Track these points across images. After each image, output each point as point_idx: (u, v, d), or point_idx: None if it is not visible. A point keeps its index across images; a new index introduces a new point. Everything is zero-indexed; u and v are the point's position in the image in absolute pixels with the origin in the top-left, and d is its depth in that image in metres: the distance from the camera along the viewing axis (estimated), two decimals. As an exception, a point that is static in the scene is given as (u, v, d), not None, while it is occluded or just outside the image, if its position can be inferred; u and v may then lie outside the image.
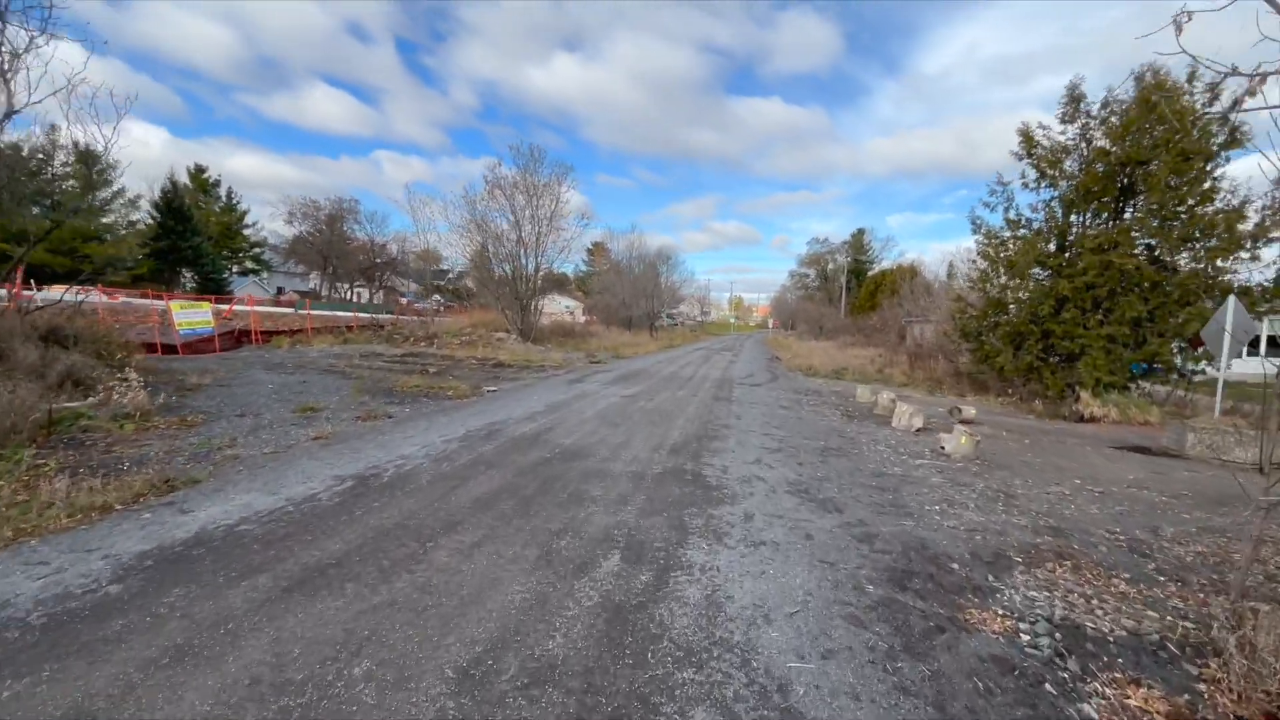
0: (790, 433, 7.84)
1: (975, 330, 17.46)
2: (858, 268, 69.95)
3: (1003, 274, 16.20)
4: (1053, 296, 14.34)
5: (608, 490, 4.51)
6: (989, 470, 6.71)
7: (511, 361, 16.79)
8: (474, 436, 6.36)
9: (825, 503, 4.61)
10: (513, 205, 22.95)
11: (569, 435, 6.66)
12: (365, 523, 3.60)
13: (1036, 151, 15.70)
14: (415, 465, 5.03)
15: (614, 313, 43.73)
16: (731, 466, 5.53)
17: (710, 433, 7.36)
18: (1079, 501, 5.80)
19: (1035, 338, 14.75)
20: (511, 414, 8.03)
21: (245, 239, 65.71)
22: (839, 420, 9.62)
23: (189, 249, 51.26)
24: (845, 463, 6.21)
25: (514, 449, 5.81)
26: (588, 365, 17.63)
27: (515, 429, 6.91)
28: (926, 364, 20.30)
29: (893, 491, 5.30)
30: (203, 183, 63.42)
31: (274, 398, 8.75)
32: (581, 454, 5.76)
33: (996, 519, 4.88)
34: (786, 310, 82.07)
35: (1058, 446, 8.95)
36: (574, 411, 8.47)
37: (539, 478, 4.78)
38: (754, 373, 18.10)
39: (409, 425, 7.00)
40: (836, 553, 3.51)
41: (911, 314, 35.28)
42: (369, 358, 16.10)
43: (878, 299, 45.89)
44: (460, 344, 21.19)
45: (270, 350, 17.10)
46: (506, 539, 3.43)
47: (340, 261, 64.34)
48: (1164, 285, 13.20)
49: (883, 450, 7.24)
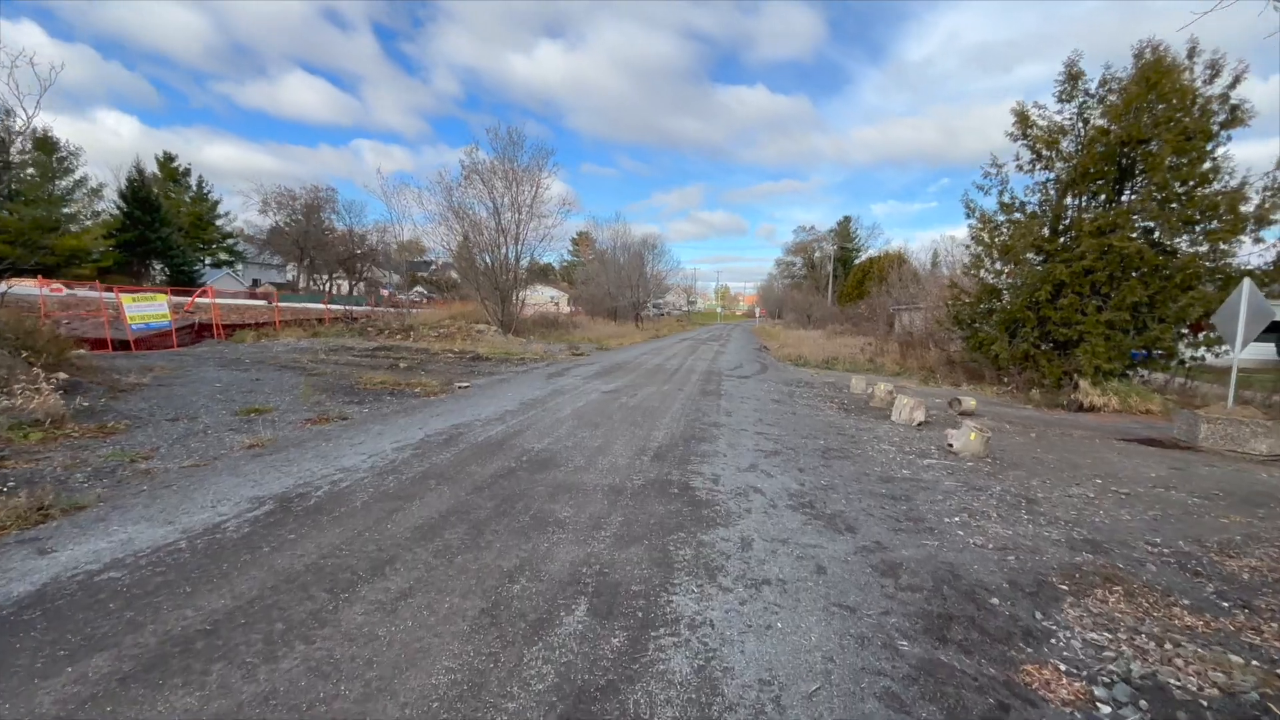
0: (785, 431, 7.20)
1: (969, 317, 16.97)
2: (844, 256, 69.68)
3: (997, 259, 15.71)
4: (1050, 282, 13.84)
5: (579, 510, 3.82)
6: (1002, 470, 6.13)
7: (489, 355, 16.00)
8: (432, 442, 5.61)
9: (834, 520, 3.96)
10: (491, 192, 22.02)
11: (540, 439, 5.95)
12: (270, 564, 2.87)
13: (1032, 132, 15.15)
14: (354, 481, 4.29)
15: (599, 303, 42.91)
16: (724, 475, 4.87)
17: (698, 433, 6.69)
18: (1106, 505, 5.22)
19: (1031, 324, 14.26)
20: (480, 414, 7.29)
21: (218, 230, 63.69)
22: (836, 415, 9.01)
23: (158, 240, 49.49)
24: (849, 466, 5.58)
25: (475, 457, 5.08)
26: (570, 358, 16.88)
27: (481, 432, 6.17)
28: (918, 352, 19.82)
29: (905, 500, 4.68)
30: (172, 172, 61.27)
31: (218, 398, 7.92)
32: (552, 462, 5.06)
33: (1025, 532, 4.27)
34: (773, 299, 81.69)
35: (1065, 440, 8.42)
36: (549, 410, 7.75)
37: (498, 495, 4.06)
38: (742, 363, 17.49)
39: (362, 429, 6.25)
40: (857, 592, 2.85)
41: (900, 302, 34.95)
42: (338, 352, 15.21)
43: (865, 287, 45.53)
44: (437, 337, 20.31)
45: (233, 345, 16.13)
46: (445, 584, 2.73)
47: (318, 253, 62.54)
48: (1164, 269, 12.74)
49: (887, 450, 6.62)
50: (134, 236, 48.25)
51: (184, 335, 16.62)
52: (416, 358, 14.70)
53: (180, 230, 56.70)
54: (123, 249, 48.27)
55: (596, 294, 43.95)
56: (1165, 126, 12.60)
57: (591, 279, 46.95)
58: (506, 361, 14.89)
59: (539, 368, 13.65)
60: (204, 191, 63.07)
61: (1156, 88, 12.80)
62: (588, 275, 49.65)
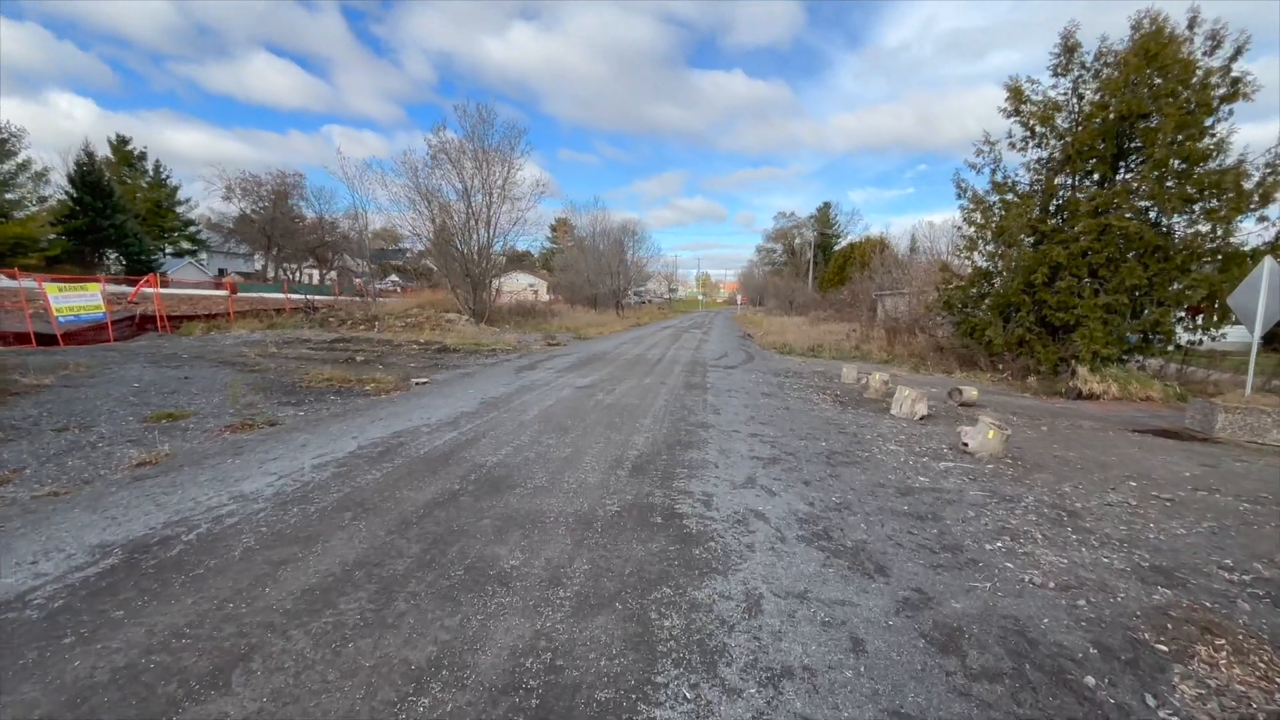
0: (782, 431, 6.38)
1: (960, 302, 16.37)
2: (824, 242, 69.41)
3: (991, 241, 15.07)
4: (1046, 264, 13.23)
5: (532, 554, 2.93)
6: (1027, 474, 5.39)
7: (458, 346, 14.95)
8: (364, 456, 4.67)
9: (858, 555, 3.14)
10: (460, 173, 20.76)
11: (497, 449, 5.03)
12: (57, 674, 1.94)
13: (1026, 108, 14.47)
14: (246, 516, 3.35)
15: (578, 291, 41.78)
16: (717, 494, 4.02)
17: (684, 437, 5.83)
18: (1153, 516, 4.51)
19: (1027, 309, 13.68)
20: (432, 416, 6.33)
21: (178, 217, 60.84)
22: (832, 409, 8.23)
23: (110, 228, 47.02)
24: (860, 475, 4.78)
25: (411, 477, 4.15)
26: (545, 348, 15.91)
27: (427, 441, 5.23)
28: (905, 338, 19.20)
29: (934, 520, 3.89)
30: (126, 155, 58.31)
31: (129, 402, 6.84)
32: (507, 481, 4.15)
33: (1082, 560, 3.51)
34: (754, 286, 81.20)
35: (1078, 434, 7.76)
36: (513, 411, 6.81)
37: (429, 535, 3.14)
38: (727, 353, 16.69)
39: (284, 439, 5.26)
40: (914, 686, 2.03)
41: (883, 287, 34.53)
42: (292, 344, 14.04)
43: (847, 272, 45.12)
44: (404, 327, 19.15)
45: (176, 339, 14.84)
46: (315, 702, 1.83)
47: (285, 241, 60.06)
48: (1163, 250, 12.19)
49: (895, 451, 5.85)
50: (85, 224, 45.80)
51: (123, 328, 15.26)
52: (377, 350, 13.62)
53: (137, 217, 54.05)
54: (73, 237, 45.80)
55: (575, 281, 42.78)
56: (1166, 100, 11.99)
57: (570, 266, 45.73)
58: (476, 353, 13.88)
59: (510, 360, 12.67)
60: (162, 176, 60.15)
61: (1156, 59, 12.17)
62: (566, 262, 48.39)
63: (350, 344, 14.64)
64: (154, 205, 58.86)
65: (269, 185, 59.07)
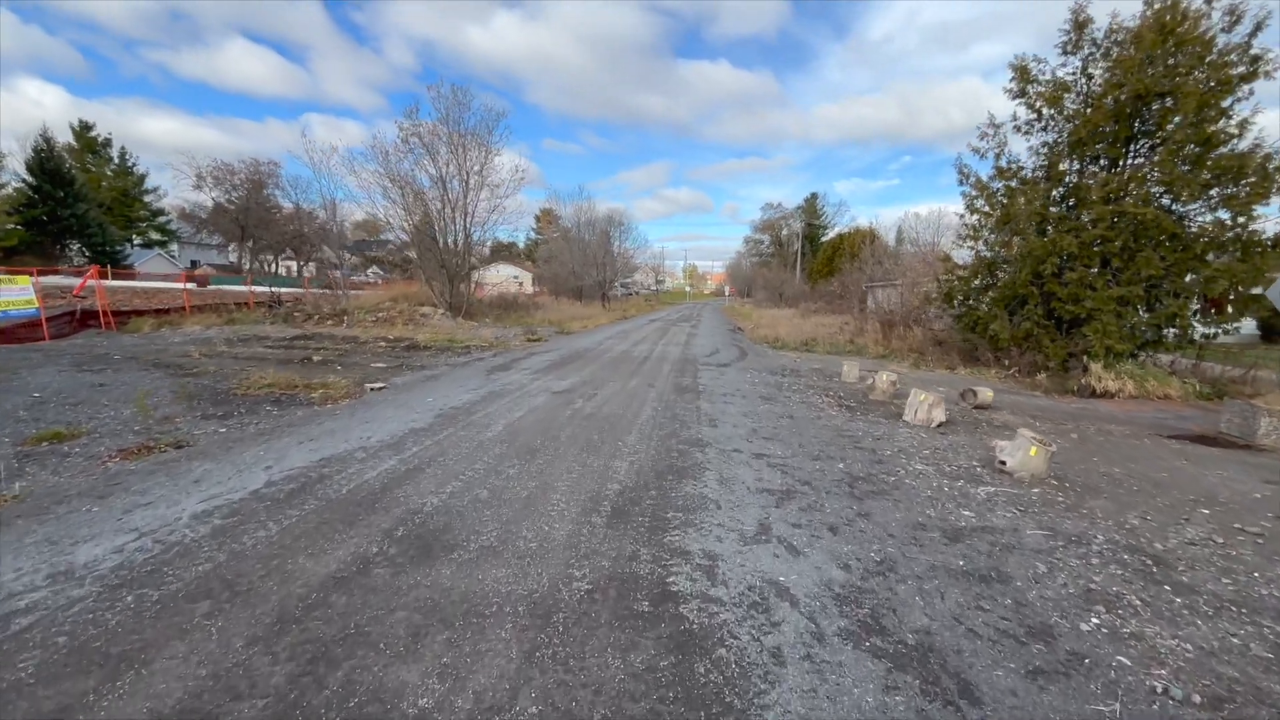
0: (790, 448, 5.46)
1: (962, 294, 15.60)
2: (811, 233, 68.78)
3: (996, 229, 14.27)
4: (1056, 254, 12.45)
5: (455, 686, 1.90)
6: (1081, 500, 4.54)
7: (429, 343, 13.88)
8: (267, 498, 3.65)
9: (926, 662, 2.22)
10: (435, 159, 19.54)
11: (442, 484, 4.03)
12: None
13: (1033, 89, 13.64)
14: (50, 612, 2.31)
15: (563, 283, 40.61)
16: (723, 554, 3.07)
17: (677, 461, 4.87)
18: (1251, 560, 3.68)
19: (1035, 301, 12.91)
20: (375, 435, 5.32)
21: (145, 206, 58.48)
22: (839, 415, 7.33)
23: (71, 217, 44.91)
24: (894, 512, 3.88)
25: (317, 533, 3.13)
26: (524, 345, 14.88)
27: (357, 473, 4.22)
28: (900, 332, 18.39)
29: (1001, 582, 3.00)
30: (89, 142, 55.86)
31: (17, 417, 5.75)
32: (444, 539, 3.15)
33: (1205, 641, 2.64)
34: (742, 277, 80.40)
35: (1110, 442, 6.94)
36: (474, 426, 5.82)
37: (308, 645, 2.10)
38: (718, 348, 15.78)
39: (179, 471, 4.23)
40: None
41: (873, 279, 33.88)
42: (247, 342, 12.89)
43: (836, 264, 44.41)
44: (375, 322, 18.00)
45: (118, 336, 13.60)
46: None
47: (260, 232, 57.91)
48: (1181, 238, 11.45)
49: (924, 472, 4.96)
50: (44, 213, 43.74)
51: (61, 325, 13.99)
52: (340, 348, 12.52)
53: (102, 206, 51.83)
54: (32, 227, 43.72)
55: (560, 273, 41.58)
56: (1185, 78, 11.21)
57: (554, 257, 44.49)
58: (448, 350, 12.82)
59: (483, 359, 11.64)
60: (128, 164, 57.72)
61: (1173, 34, 11.36)
62: (551, 253, 47.12)
63: (312, 341, 13.51)
64: (120, 194, 56.56)
65: (242, 174, 56.81)
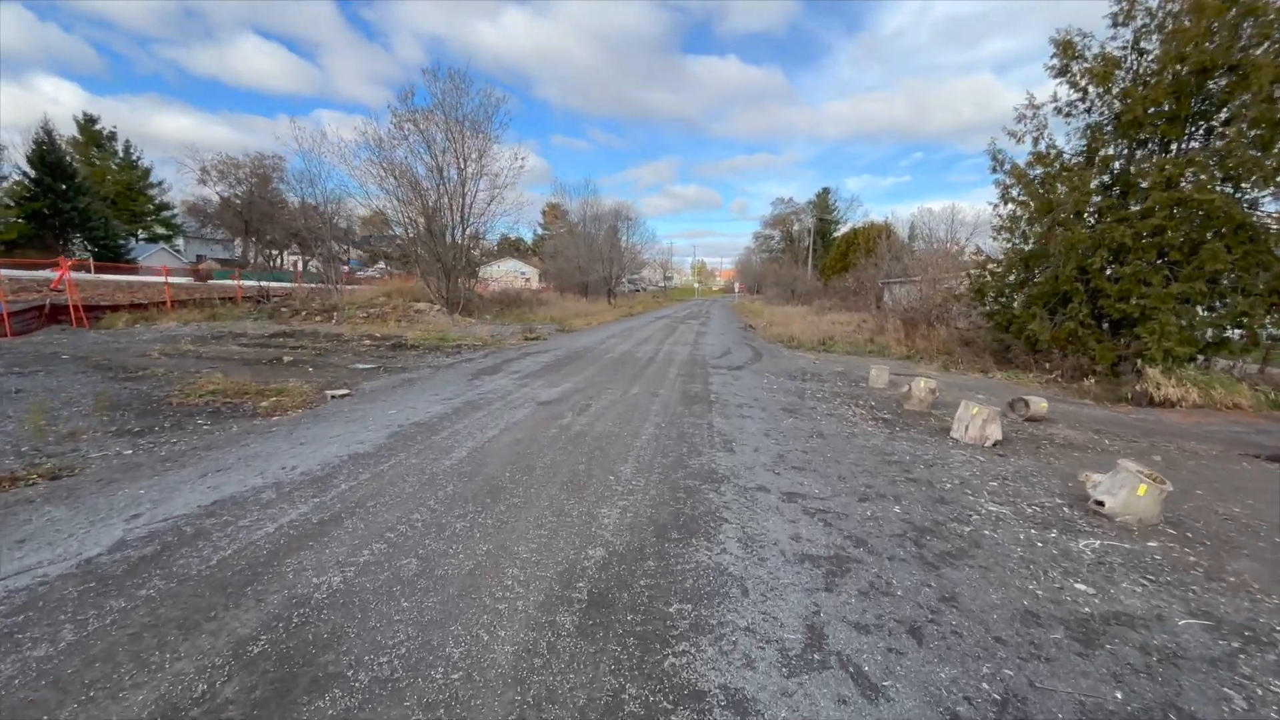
0: (829, 483, 4.36)
1: (995, 290, 14.40)
2: (824, 229, 67.47)
3: (1036, 220, 13.06)
4: (1106, 246, 11.25)
5: None
6: (1219, 563, 3.43)
7: (419, 341, 12.88)
8: (93, 576, 2.55)
9: None
10: (430, 145, 18.52)
11: (354, 551, 2.94)
12: None
13: (1077, 66, 12.40)
14: None
15: (568, 278, 39.58)
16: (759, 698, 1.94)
17: (684, 507, 3.76)
18: None
19: (1080, 298, 11.71)
20: (299, 465, 4.28)
21: (150, 200, 58.09)
22: (877, 432, 6.23)
23: (73, 211, 44.46)
24: (987, 591, 2.79)
25: (123, 653, 2.02)
26: (520, 343, 13.85)
27: (246, 529, 3.11)
28: (923, 330, 17.17)
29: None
30: (94, 135, 55.49)
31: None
32: (317, 662, 2.10)
33: None
34: (752, 274, 79.04)
35: (1200, 465, 5.79)
36: (430, 452, 4.76)
37: None
38: (730, 348, 14.66)
39: (12, 522, 3.23)
40: None
41: (890, 275, 32.63)
42: (221, 339, 11.96)
43: (850, 259, 43.07)
44: (366, 318, 17.06)
45: (88, 332, 12.71)
46: None
47: (263, 225, 57.29)
48: (1251, 230, 10.23)
49: (1002, 517, 3.86)
50: (44, 206, 43.34)
51: (27, 320, 13.13)
52: (321, 346, 11.55)
53: (105, 200, 51.44)
54: (32, 220, 43.34)
55: (565, 269, 40.52)
56: (1254, 51, 9.98)
57: (560, 252, 43.43)
58: (437, 350, 11.83)
59: (473, 359, 10.62)
60: (133, 158, 57.33)
61: (1238, 3, 10.12)
62: (556, 248, 46.05)
63: (291, 339, 12.56)
64: (125, 188, 56.20)
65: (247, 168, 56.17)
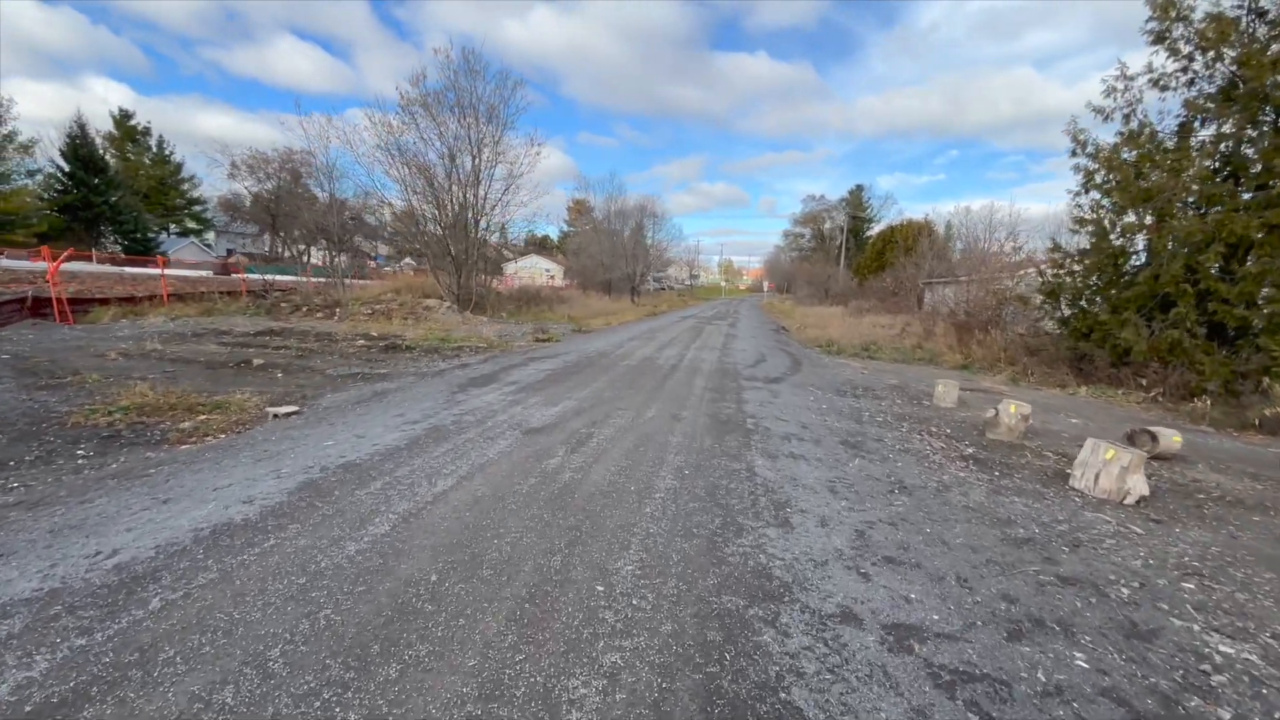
0: (945, 595, 2.78)
1: (1072, 292, 12.52)
2: (856, 226, 65.12)
3: (1130, 209, 11.16)
4: (1223, 240, 9.36)
5: None
6: None
7: (416, 343, 11.61)
8: None
9: None
10: (440, 131, 17.30)
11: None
12: None
13: (1179, 30, 10.51)
14: None
15: (590, 275, 38.28)
16: None
17: (728, 675, 2.12)
18: None
19: (1188, 302, 9.81)
20: (113, 557, 2.93)
21: (182, 194, 58.68)
22: (972, 479, 4.62)
23: (104, 204, 44.87)
24: None
25: None
26: (529, 345, 12.48)
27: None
28: (978, 336, 15.25)
29: None
30: (130, 130, 56.20)
31: None
32: None
33: None
34: (781, 273, 76.80)
35: None
36: (341, 521, 3.28)
37: None
38: (763, 354, 13.03)
39: None
40: None
41: (932, 274, 30.55)
42: (201, 338, 10.86)
43: (886, 258, 40.89)
44: (370, 315, 15.92)
45: (60, 327, 11.75)
46: None
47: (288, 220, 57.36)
48: None
49: (1253, 665, 2.30)
50: (76, 199, 43.81)
51: (8, 312, 12.27)
52: (306, 346, 10.35)
53: (138, 194, 51.99)
54: (65, 213, 43.82)
55: (589, 266, 39.23)
56: None
57: (583, 249, 42.17)
58: (434, 353, 10.53)
59: (469, 365, 9.27)
60: (165, 153, 57.94)
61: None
62: (580, 245, 44.81)
63: (279, 337, 11.41)
64: (158, 182, 56.84)
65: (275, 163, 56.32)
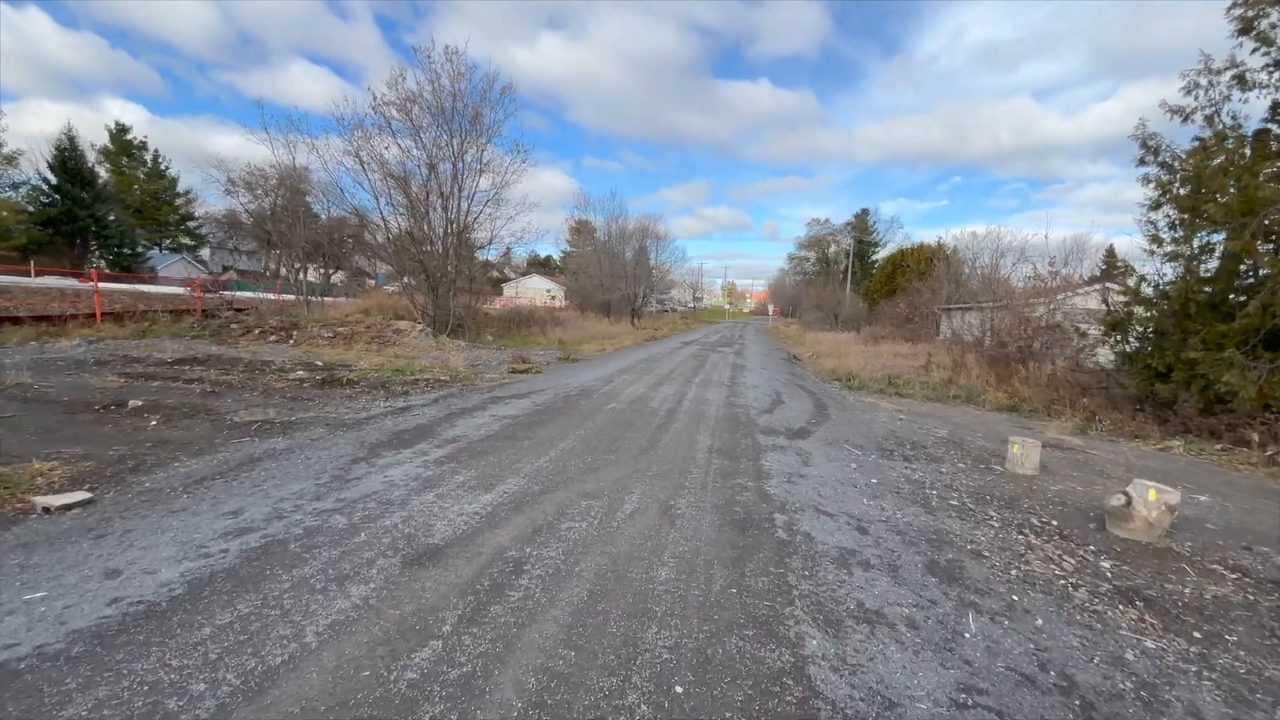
0: None
1: (1143, 324, 10.60)
2: (862, 250, 63.84)
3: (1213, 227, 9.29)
4: (1357, 262, 7.43)
5: None
6: None
7: (364, 374, 9.70)
8: None
9: None
10: (420, 139, 15.66)
11: None
12: None
13: (1270, 19, 8.79)
14: None
15: (590, 296, 36.56)
16: None
17: None
18: None
19: (1310, 340, 7.85)
20: None
21: (175, 209, 57.46)
22: (1156, 647, 2.65)
23: (89, 218, 43.42)
24: None
25: None
26: (502, 378, 10.56)
27: None
28: (1019, 372, 13.26)
29: None
30: (125, 144, 55.23)
31: None
32: None
33: None
34: (786, 296, 75.36)
35: None
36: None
37: None
38: (779, 393, 11.03)
39: None
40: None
41: (949, 300, 28.72)
42: (102, 366, 8.96)
43: (897, 282, 39.15)
44: (331, 339, 14.06)
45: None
46: None
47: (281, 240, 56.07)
48: None
49: None
50: (60, 213, 42.34)
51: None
52: (223, 380, 8.44)
53: (130, 209, 50.76)
54: (47, 226, 42.33)
55: (588, 286, 37.55)
56: None
57: (583, 269, 40.54)
58: (381, 388, 8.62)
59: (410, 409, 7.33)
60: (160, 167, 56.87)
61: None
62: (579, 265, 43.21)
63: (200, 366, 9.49)
64: (151, 197, 55.65)
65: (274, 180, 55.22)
